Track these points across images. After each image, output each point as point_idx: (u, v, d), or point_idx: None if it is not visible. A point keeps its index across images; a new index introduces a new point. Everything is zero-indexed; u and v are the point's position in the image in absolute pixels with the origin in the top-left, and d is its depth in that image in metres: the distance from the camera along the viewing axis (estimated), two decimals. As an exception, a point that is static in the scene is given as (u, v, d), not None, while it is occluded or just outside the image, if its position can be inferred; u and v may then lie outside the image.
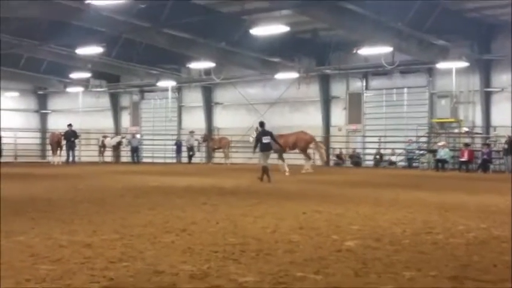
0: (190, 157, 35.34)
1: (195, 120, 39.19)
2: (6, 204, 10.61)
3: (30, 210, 9.61)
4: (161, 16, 24.16)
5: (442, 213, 9.82)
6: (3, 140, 31.48)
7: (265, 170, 17.64)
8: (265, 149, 18.25)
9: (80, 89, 41.59)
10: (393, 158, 32.27)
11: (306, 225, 8.18)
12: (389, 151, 32.63)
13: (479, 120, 29.60)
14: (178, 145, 36.94)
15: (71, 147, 31.52)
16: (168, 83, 38.03)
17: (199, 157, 36.67)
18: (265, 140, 18.12)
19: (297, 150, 25.30)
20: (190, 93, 40.10)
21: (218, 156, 34.26)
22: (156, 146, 40.26)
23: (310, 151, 25.99)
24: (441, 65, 28.02)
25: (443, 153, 27.70)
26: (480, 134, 29.61)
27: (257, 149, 18.77)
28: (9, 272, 5.10)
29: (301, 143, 24.71)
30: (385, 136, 32.49)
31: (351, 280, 4.98)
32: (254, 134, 20.73)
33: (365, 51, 28.33)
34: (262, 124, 18.81)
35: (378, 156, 32.74)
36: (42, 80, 41.92)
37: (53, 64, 36.66)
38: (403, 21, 23.45)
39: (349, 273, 5.24)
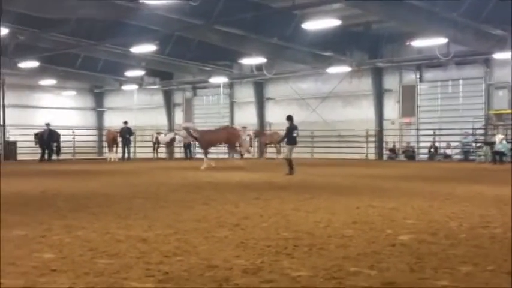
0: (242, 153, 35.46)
1: (247, 116, 39.36)
2: (66, 199, 10.92)
3: (91, 206, 9.87)
4: (213, 13, 24.35)
5: (500, 207, 9.58)
6: (62, 138, 32.36)
7: (290, 163, 18.38)
8: (294, 142, 18.83)
9: (134, 86, 42.38)
10: (448, 151, 31.63)
11: (359, 220, 8.12)
12: (444, 144, 32.00)
13: (539, 111, 28.68)
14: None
15: (126, 144, 32.19)
16: (220, 79, 38.31)
17: (251, 152, 36.80)
18: (294, 133, 18.68)
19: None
20: (242, 89, 40.28)
21: (270, 152, 34.31)
22: (209, 142, 40.57)
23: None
24: (498, 56, 27.26)
25: (501, 145, 26.95)
26: (540, 125, 28.68)
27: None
28: (69, 265, 5.26)
29: (231, 138, 24.50)
30: (440, 129, 31.85)
31: (405, 275, 4.91)
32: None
33: (419, 43, 27.80)
34: (290, 118, 19.15)
35: (432, 150, 32.15)
36: (98, 78, 42.93)
37: (109, 63, 37.49)
38: (458, 11, 22.93)
39: (403, 268, 5.18)
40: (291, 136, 18.74)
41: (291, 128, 18.77)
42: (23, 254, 5.82)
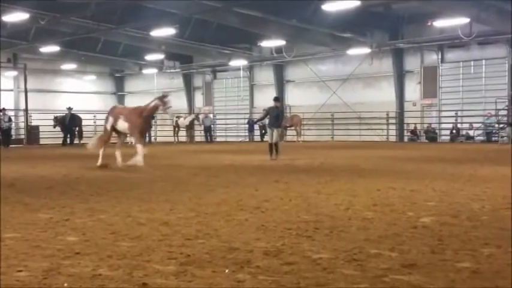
0: (262, 135, 35.56)
1: (266, 99, 39.22)
2: (88, 183, 11.05)
3: (112, 190, 9.96)
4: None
5: (523, 189, 9.48)
6: (83, 122, 32.65)
7: (276, 147, 17.63)
8: (278, 125, 18.04)
9: (154, 70, 42.51)
10: (471, 133, 31.33)
11: (380, 202, 8.10)
12: (466, 125, 31.69)
13: None
14: (251, 124, 37.19)
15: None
16: (240, 62, 38.26)
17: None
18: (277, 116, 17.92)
19: None
20: (262, 72, 40.20)
21: (290, 134, 34.27)
22: (229, 125, 40.69)
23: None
24: (522, 35, 26.82)
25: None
26: None
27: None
28: (92, 248, 5.34)
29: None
30: (462, 110, 31.52)
31: (427, 257, 4.90)
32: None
33: (440, 22, 27.46)
34: (278, 99, 18.84)
35: (454, 131, 31.87)
36: (118, 62, 43.16)
37: (129, 47, 37.62)
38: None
39: (425, 250, 5.16)
40: (275, 118, 17.72)
41: (276, 110, 17.83)
42: (47, 236, 5.91)
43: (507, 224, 6.40)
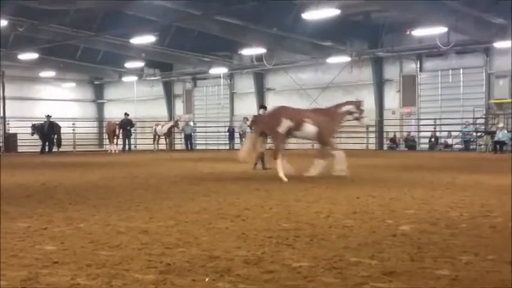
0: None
1: (247, 107, 39.34)
2: (67, 192, 10.94)
3: (92, 198, 9.88)
4: (212, 3, 24.28)
5: (500, 197, 9.59)
6: (62, 130, 32.39)
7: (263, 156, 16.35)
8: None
9: (134, 78, 42.35)
10: (449, 141, 31.65)
11: (360, 210, 8.13)
12: (445, 134, 32.00)
13: (539, 100, 28.67)
14: (231, 132, 37.19)
15: (127, 135, 32.22)
16: (220, 70, 38.28)
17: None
18: None
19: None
20: (242, 80, 40.26)
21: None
22: (209, 133, 40.65)
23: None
24: (499, 44, 27.22)
25: (501, 135, 26.97)
26: (541, 114, 28.68)
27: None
28: (70, 257, 5.28)
29: None
30: (441, 118, 31.84)
31: (406, 265, 4.93)
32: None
33: (419, 32, 27.77)
34: (265, 107, 17.32)
35: (433, 139, 32.17)
36: (98, 70, 42.93)
37: (108, 54, 37.45)
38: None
39: (404, 257, 5.19)
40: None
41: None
42: (25, 245, 5.84)
43: (485, 232, 6.47)
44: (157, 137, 35.44)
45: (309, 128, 12.65)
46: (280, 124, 12.52)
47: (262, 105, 18.29)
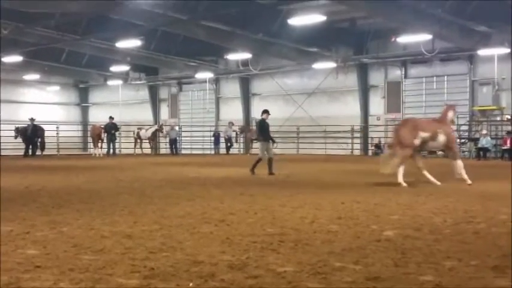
0: (228, 148, 35.54)
1: (232, 112, 39.31)
2: (50, 195, 10.85)
3: (75, 202, 9.81)
4: (199, 8, 24.27)
5: (483, 203, 9.66)
6: (46, 133, 32.13)
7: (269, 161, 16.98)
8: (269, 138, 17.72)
9: (119, 82, 42.15)
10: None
11: (344, 215, 8.15)
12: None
13: (521, 107, 28.92)
14: (217, 136, 37.16)
15: (111, 139, 32.06)
16: (206, 75, 38.21)
17: (237, 148, 36.86)
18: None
19: None
20: (228, 85, 40.22)
21: (256, 147, 34.28)
22: (195, 138, 40.56)
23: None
24: (482, 52, 27.44)
25: (485, 141, 27.20)
26: (523, 121, 28.92)
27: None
28: (53, 262, 5.23)
29: None
30: (425, 125, 31.98)
31: (390, 270, 4.95)
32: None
33: (404, 39, 27.92)
34: (268, 112, 18.11)
35: (417, 146, 32.31)
36: (83, 73, 42.65)
37: (94, 58, 37.21)
38: (443, 7, 23.05)
39: (388, 263, 5.21)
40: (268, 132, 17.57)
41: (266, 124, 17.67)
42: (7, 250, 5.78)
43: (468, 238, 6.51)
44: (139, 141, 35.24)
45: (442, 138, 13.62)
46: (417, 136, 13.41)
47: (265, 110, 18.28)
